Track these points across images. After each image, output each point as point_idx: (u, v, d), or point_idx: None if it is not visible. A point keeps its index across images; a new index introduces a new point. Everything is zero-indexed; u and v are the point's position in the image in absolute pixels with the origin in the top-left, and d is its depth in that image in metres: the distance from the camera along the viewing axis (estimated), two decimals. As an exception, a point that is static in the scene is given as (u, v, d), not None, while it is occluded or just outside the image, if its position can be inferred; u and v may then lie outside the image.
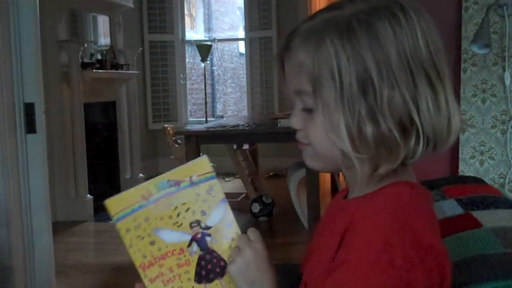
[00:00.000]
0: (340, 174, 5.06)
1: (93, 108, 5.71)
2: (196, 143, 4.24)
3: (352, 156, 0.82)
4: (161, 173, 0.93)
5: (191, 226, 0.88)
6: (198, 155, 4.66)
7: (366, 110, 0.81)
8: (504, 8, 2.22)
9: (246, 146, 5.69)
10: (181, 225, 0.88)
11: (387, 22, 0.83)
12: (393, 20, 0.83)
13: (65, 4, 5.27)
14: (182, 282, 0.90)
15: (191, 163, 0.90)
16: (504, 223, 1.29)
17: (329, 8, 0.88)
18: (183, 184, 0.89)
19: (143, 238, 0.90)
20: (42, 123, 2.38)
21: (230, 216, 0.89)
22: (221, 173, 7.06)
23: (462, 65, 2.27)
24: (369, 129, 0.80)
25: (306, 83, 0.84)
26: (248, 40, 7.58)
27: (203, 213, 0.88)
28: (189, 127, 6.85)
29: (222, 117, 8.42)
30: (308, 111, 0.86)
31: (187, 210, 0.88)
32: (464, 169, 2.28)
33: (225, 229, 0.89)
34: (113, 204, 0.90)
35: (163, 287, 0.91)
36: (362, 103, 0.81)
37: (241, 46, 9.08)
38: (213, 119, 7.81)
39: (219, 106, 10.27)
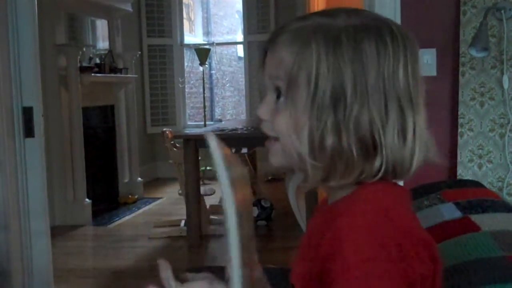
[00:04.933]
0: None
1: (91, 112, 5.71)
2: (194, 147, 4.25)
3: (307, 161, 0.84)
4: (159, 177, 0.93)
5: None
6: (197, 159, 4.66)
7: (332, 122, 0.83)
8: (502, 11, 2.23)
9: (244, 150, 5.69)
10: None
11: (373, 43, 0.85)
12: (380, 42, 0.85)
13: (64, 8, 5.28)
14: None
15: None
16: (503, 227, 1.29)
17: (323, 14, 0.89)
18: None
19: None
20: (41, 127, 2.38)
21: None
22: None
23: (460, 69, 2.27)
24: (329, 141, 0.83)
25: (282, 78, 0.86)
26: (247, 44, 7.59)
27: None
28: (187, 131, 6.85)
29: (220, 121, 8.42)
30: (278, 100, 0.89)
31: None
32: (463, 173, 2.28)
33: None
34: None
35: None
36: (330, 114, 0.83)
37: (240, 50, 9.09)
38: (211, 123, 7.81)
39: (217, 110, 10.27)
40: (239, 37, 8.99)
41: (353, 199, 0.86)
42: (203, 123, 7.46)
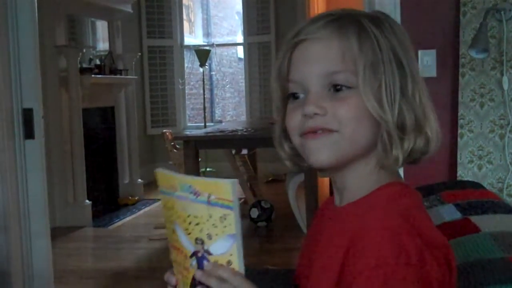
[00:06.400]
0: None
1: (91, 113, 5.70)
2: (194, 148, 4.24)
3: (395, 133, 0.85)
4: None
5: (195, 242, 0.84)
6: (197, 160, 4.65)
7: (404, 100, 0.86)
8: (502, 12, 2.23)
9: (244, 151, 5.69)
10: (189, 234, 0.84)
11: (395, 24, 0.91)
12: (398, 24, 0.91)
13: (64, 9, 5.28)
14: (182, 282, 0.88)
15: (216, 181, 0.82)
16: (503, 228, 1.29)
17: (342, 9, 0.91)
18: (200, 197, 0.82)
19: (171, 222, 0.88)
20: (41, 129, 2.38)
21: (235, 255, 0.82)
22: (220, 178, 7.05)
23: (460, 70, 2.27)
24: (408, 116, 0.86)
25: (349, 64, 0.86)
26: (247, 45, 7.59)
27: (209, 236, 0.82)
28: (187, 132, 6.84)
29: (220, 122, 8.42)
30: (339, 91, 0.87)
31: (197, 224, 0.83)
32: (463, 174, 2.28)
33: (223, 265, 0.82)
34: (159, 177, 0.90)
35: (176, 272, 0.90)
36: (400, 93, 0.86)
37: (240, 51, 9.09)
38: (211, 124, 7.80)
39: (217, 111, 10.27)
40: (239, 38, 8.99)
41: (373, 201, 0.86)
42: (203, 124, 7.46)
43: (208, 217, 0.82)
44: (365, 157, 0.89)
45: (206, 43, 9.39)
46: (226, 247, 0.82)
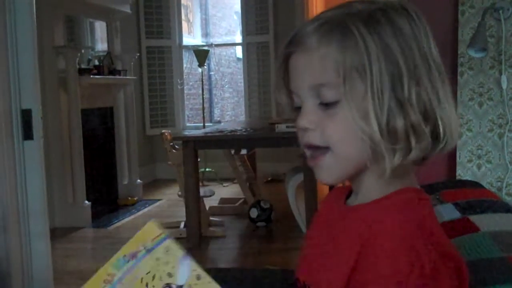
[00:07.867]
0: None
1: (90, 114, 5.70)
2: (193, 148, 4.25)
3: (382, 146, 0.81)
4: (159, 179, 0.92)
5: None
6: (196, 161, 4.65)
7: (395, 103, 0.81)
8: (500, 11, 2.23)
9: (244, 151, 5.69)
10: None
11: (405, 19, 0.85)
12: (410, 18, 0.85)
13: (62, 10, 5.27)
14: None
15: (139, 232, 0.87)
16: (502, 227, 1.29)
17: (338, 7, 0.87)
18: (139, 254, 0.85)
19: None
20: (39, 130, 2.38)
21: (197, 269, 0.83)
22: (219, 179, 7.07)
23: (459, 69, 2.27)
24: (399, 122, 0.81)
25: (332, 74, 0.82)
26: (245, 45, 7.59)
27: (169, 275, 0.84)
28: (186, 133, 6.84)
29: (219, 122, 8.41)
30: (327, 106, 0.83)
31: (153, 278, 0.84)
32: (462, 173, 2.28)
33: (196, 284, 0.83)
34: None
35: None
36: (392, 97, 0.81)
37: (239, 51, 9.08)
38: (210, 124, 7.80)
39: (216, 111, 10.26)
40: (238, 38, 8.98)
41: (387, 205, 0.84)
42: (202, 124, 7.46)
43: (157, 262, 0.85)
44: (367, 166, 0.86)
45: (204, 43, 9.38)
46: (187, 269, 0.84)
